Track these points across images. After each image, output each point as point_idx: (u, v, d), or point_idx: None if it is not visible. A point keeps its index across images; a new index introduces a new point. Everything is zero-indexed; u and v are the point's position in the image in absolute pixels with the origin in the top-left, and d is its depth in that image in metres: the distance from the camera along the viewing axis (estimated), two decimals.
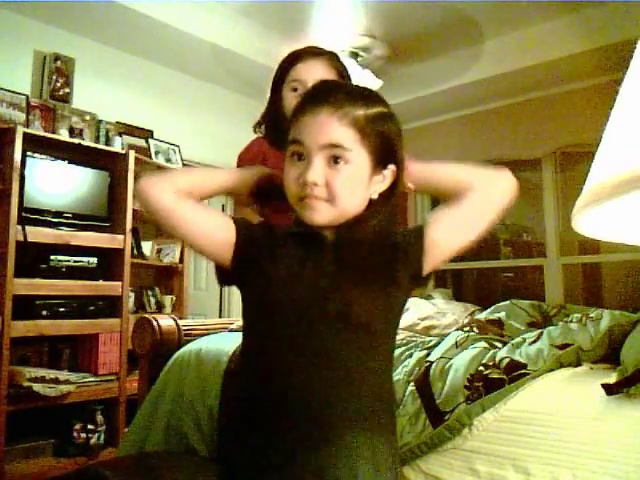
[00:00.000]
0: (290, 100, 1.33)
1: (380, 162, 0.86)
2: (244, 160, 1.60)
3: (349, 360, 0.82)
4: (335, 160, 0.81)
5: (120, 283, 2.89)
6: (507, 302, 2.32)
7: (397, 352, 1.83)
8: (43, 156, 2.73)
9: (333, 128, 0.81)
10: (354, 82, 1.41)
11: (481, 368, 1.49)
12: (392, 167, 0.87)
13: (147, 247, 3.29)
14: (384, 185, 0.87)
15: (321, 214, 0.83)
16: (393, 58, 3.53)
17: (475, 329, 1.94)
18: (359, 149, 0.82)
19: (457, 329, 2.05)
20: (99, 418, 2.74)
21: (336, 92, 0.84)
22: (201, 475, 0.84)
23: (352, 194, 0.84)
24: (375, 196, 0.87)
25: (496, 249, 4.17)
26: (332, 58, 1.37)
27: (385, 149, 0.85)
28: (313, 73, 1.32)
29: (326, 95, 0.83)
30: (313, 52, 1.35)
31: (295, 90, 1.33)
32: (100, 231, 2.88)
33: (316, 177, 0.81)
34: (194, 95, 3.72)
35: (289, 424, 0.79)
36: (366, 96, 0.86)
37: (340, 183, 0.82)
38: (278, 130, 1.30)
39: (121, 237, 2.92)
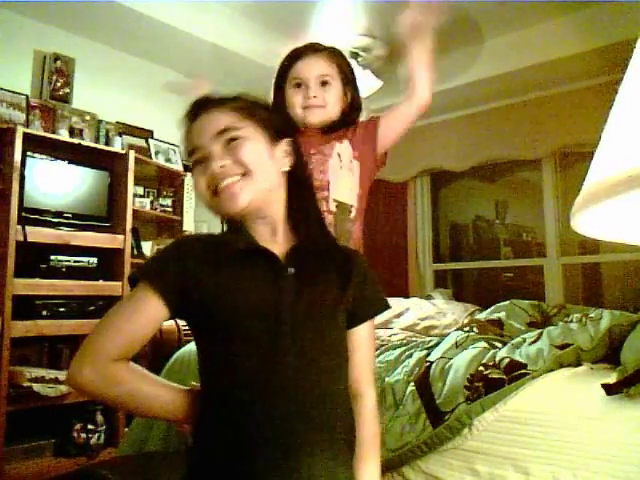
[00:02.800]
0: (293, 97, 1.33)
1: (274, 136, 0.89)
2: None
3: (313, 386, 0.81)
4: (230, 141, 0.85)
5: (120, 283, 2.89)
6: (507, 302, 2.32)
7: (397, 352, 1.83)
8: (43, 156, 2.72)
9: (218, 117, 0.87)
10: (356, 79, 1.42)
11: (481, 368, 1.49)
12: (288, 139, 0.91)
13: (147, 247, 3.29)
14: (289, 160, 0.91)
15: (240, 197, 0.84)
16: (393, 58, 3.53)
17: (475, 329, 1.94)
18: (248, 125, 0.87)
19: (457, 329, 2.05)
20: (99, 418, 2.74)
21: (210, 99, 0.90)
22: None
23: (261, 163, 0.86)
24: (285, 168, 0.90)
25: (496, 249, 4.17)
26: (333, 54, 1.37)
27: (274, 123, 0.91)
28: (314, 70, 1.32)
29: (203, 104, 0.90)
30: (314, 48, 1.35)
31: (298, 86, 1.33)
32: (100, 231, 2.87)
33: (220, 161, 0.84)
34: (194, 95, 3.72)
35: (258, 439, 0.77)
36: (237, 96, 0.92)
37: (245, 154, 0.85)
38: None
39: (121, 237, 2.92)
